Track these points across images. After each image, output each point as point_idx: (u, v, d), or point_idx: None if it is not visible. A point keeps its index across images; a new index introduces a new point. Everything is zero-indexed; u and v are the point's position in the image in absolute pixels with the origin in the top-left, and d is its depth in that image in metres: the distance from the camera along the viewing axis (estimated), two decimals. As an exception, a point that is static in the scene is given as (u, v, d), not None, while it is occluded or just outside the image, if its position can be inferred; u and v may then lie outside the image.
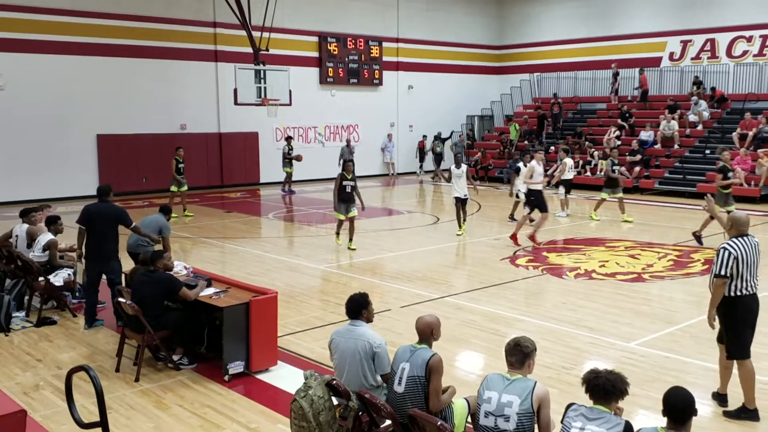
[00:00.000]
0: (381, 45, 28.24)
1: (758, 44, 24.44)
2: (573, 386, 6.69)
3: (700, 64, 25.82)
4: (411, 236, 15.70)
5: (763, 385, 6.81)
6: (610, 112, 26.41)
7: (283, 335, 8.07)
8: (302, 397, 4.97)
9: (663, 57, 26.92)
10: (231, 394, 6.70)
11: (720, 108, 23.97)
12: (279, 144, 25.78)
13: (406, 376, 4.93)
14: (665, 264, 12.21)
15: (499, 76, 32.46)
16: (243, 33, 21.08)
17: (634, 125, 24.88)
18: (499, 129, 29.78)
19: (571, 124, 27.17)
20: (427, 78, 30.02)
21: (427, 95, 29.88)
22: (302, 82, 25.36)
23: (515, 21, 31.91)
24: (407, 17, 29.24)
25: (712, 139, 22.82)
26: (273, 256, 13.06)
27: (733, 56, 25.09)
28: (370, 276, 11.65)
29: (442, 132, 29.14)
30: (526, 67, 31.14)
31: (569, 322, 9.01)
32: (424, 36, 29.82)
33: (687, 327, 8.70)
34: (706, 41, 25.75)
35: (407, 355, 5.02)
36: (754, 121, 21.61)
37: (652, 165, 22.95)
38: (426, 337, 5.13)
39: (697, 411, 3.88)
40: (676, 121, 23.60)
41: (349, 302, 5.52)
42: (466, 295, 10.24)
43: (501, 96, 31.24)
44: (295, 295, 10.27)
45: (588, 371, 4.24)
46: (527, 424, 4.32)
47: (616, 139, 24.18)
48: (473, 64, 31.90)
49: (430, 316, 5.26)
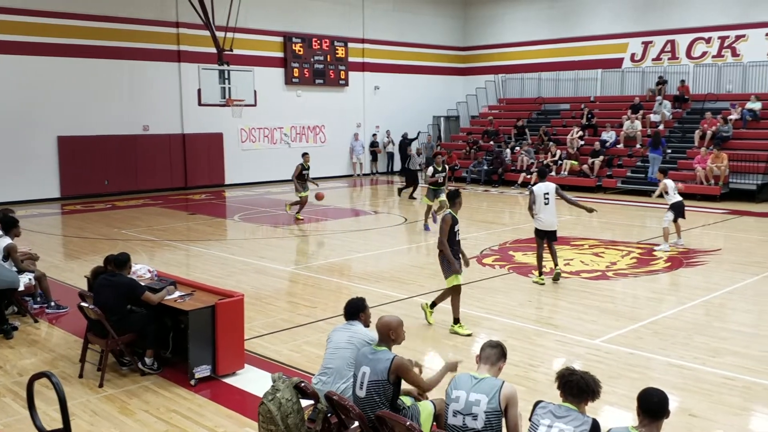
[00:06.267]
0: (347, 45, 28.20)
1: (716, 45, 24.98)
2: (540, 384, 6.75)
3: (661, 65, 26.30)
4: (379, 237, 15.70)
5: (725, 380, 6.95)
6: (573, 113, 26.75)
7: (250, 338, 7.99)
8: (270, 400, 4.93)
9: (624, 58, 27.36)
10: (197, 399, 6.61)
11: (681, 108, 24.44)
12: (244, 145, 25.63)
13: (368, 380, 4.91)
14: (629, 262, 12.39)
15: (465, 77, 32.67)
16: (206, 33, 20.83)
17: (596, 125, 25.23)
18: (465, 129, 29.96)
19: (535, 124, 27.46)
20: (394, 79, 30.08)
21: (393, 96, 29.93)
22: (267, 83, 25.20)
23: (479, 22, 32.14)
24: (373, 18, 29.26)
25: (673, 138, 23.26)
26: (239, 259, 12.94)
27: (692, 57, 25.60)
28: (338, 277, 11.62)
29: (408, 133, 29.22)
30: (491, 68, 31.39)
31: (535, 320, 9.10)
32: (389, 37, 29.87)
33: (650, 324, 8.84)
34: (666, 42, 26.25)
35: (367, 358, 5.00)
36: (714, 121, 22.08)
37: (614, 165, 23.30)
38: (384, 338, 5.12)
39: (669, 412, 3.93)
40: (639, 121, 24.00)
41: (347, 305, 5.74)
42: (434, 294, 10.23)
43: (467, 97, 31.44)
44: (262, 297, 10.19)
45: (564, 368, 4.28)
46: (495, 423, 4.34)
47: (579, 139, 24.50)
48: (439, 65, 32.05)
49: (391, 316, 5.24)
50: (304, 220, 17.18)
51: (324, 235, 16.03)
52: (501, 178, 24.94)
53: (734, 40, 24.53)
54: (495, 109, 30.39)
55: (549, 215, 10.80)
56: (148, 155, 23.14)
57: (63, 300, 9.63)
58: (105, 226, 16.58)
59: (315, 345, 7.86)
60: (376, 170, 29.75)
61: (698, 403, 6.39)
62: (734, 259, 12.61)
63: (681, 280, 11.31)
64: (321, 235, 16.02)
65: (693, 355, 7.66)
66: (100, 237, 15.20)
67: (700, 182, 20.28)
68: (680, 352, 7.77)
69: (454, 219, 8.36)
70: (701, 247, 13.51)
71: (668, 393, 4.03)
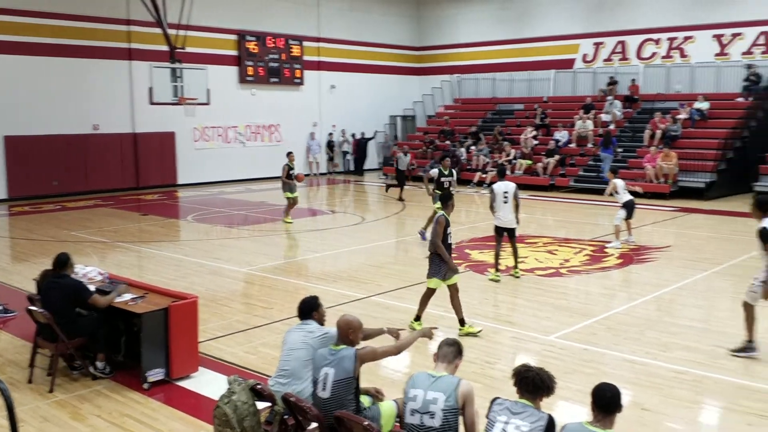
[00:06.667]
0: (302, 44, 28.05)
1: (665, 46, 25.59)
2: (497, 380, 6.81)
3: (612, 66, 26.82)
4: (336, 236, 15.65)
5: (676, 374, 7.11)
6: (527, 113, 27.09)
7: (204, 341, 7.88)
8: (226, 403, 4.87)
9: (576, 59, 27.84)
10: (151, 403, 6.49)
11: (631, 108, 24.97)
12: (197, 144, 25.28)
13: (332, 381, 4.87)
14: (581, 259, 12.59)
15: (421, 76, 32.83)
16: (158, 31, 20.52)
17: (549, 125, 25.61)
18: (422, 129, 30.08)
19: (490, 124, 27.73)
20: (350, 78, 30.04)
21: (349, 95, 29.89)
22: (221, 81, 24.92)
23: (434, 23, 32.32)
24: (328, 17, 29.16)
25: (624, 138, 23.74)
26: (193, 260, 12.75)
27: (642, 58, 26.18)
28: (295, 277, 11.54)
29: (365, 132, 29.23)
30: (447, 69, 31.61)
31: (492, 317, 9.18)
32: (345, 36, 29.82)
33: (603, 319, 9.00)
34: (617, 43, 26.78)
35: (328, 359, 4.96)
36: (663, 120, 22.60)
37: (567, 164, 23.67)
38: (344, 337, 5.10)
39: (622, 406, 4.00)
40: (591, 121, 24.44)
41: (301, 305, 5.71)
42: (392, 293, 10.27)
43: (423, 96, 31.58)
44: (217, 299, 10.05)
45: (520, 365, 4.32)
46: (452, 421, 4.36)
47: (533, 138, 24.83)
48: (395, 64, 32.13)
49: (351, 316, 5.24)
50: (293, 223, 16.71)
51: (280, 235, 15.91)
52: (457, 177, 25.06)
53: (682, 41, 25.18)
54: (451, 108, 30.60)
55: (507, 213, 11.00)
56: (99, 155, 22.65)
57: (11, 304, 9.36)
58: (54, 228, 16.16)
59: (271, 346, 7.78)
60: (332, 169, 29.65)
61: (650, 397, 6.53)
62: (684, 255, 12.93)
63: (632, 276, 11.54)
64: (277, 235, 15.90)
65: (645, 350, 7.82)
66: (49, 239, 14.81)
67: (650, 180, 20.74)
68: (632, 347, 7.92)
69: (447, 221, 8.32)
70: (652, 244, 13.81)
71: (621, 387, 4.09)
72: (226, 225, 17.08)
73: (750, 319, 7.56)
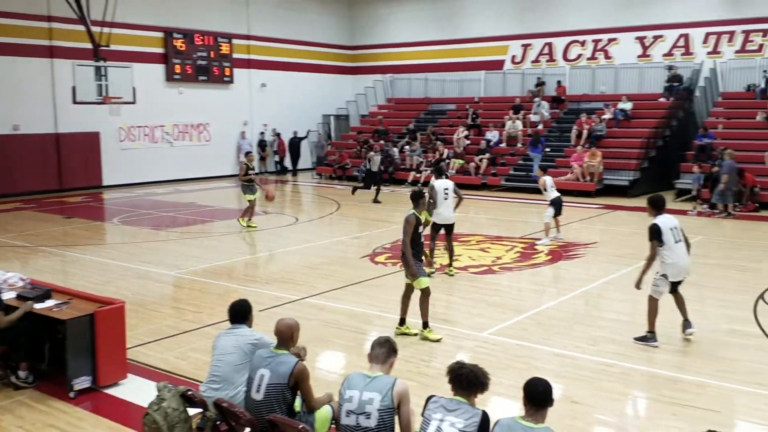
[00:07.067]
0: (231, 42, 27.60)
1: (591, 48, 26.34)
2: (432, 378, 6.85)
3: (540, 67, 27.43)
4: (269, 237, 15.45)
5: (605, 367, 7.31)
6: (459, 113, 27.44)
7: (132, 347, 7.65)
8: (155, 410, 4.76)
9: (506, 60, 28.36)
10: (77, 412, 6.26)
11: (558, 108, 25.60)
12: (123, 144, 24.58)
13: (266, 383, 4.81)
14: (513, 256, 12.83)
15: (354, 76, 32.81)
16: (81, 28, 19.83)
17: (480, 125, 25.99)
18: (355, 128, 30.06)
19: (423, 124, 27.95)
20: (281, 76, 29.73)
21: (281, 94, 29.58)
22: (147, 80, 24.26)
23: (366, 22, 32.36)
24: (258, 14, 28.79)
25: (551, 137, 24.32)
26: (119, 264, 12.36)
27: (568, 59, 26.88)
28: (227, 280, 11.33)
29: (298, 131, 29.00)
30: (380, 68, 31.69)
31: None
32: (276, 34, 29.49)
33: (534, 315, 9.19)
34: (544, 45, 27.41)
35: (266, 361, 4.90)
36: (589, 120, 23.26)
37: (498, 163, 24.07)
38: (285, 341, 5.04)
39: (553, 400, 4.07)
40: (520, 121, 24.94)
41: (232, 308, 5.58)
42: (327, 294, 10.21)
43: (356, 96, 31.57)
44: (145, 304, 9.78)
45: (454, 362, 4.36)
46: (388, 420, 4.36)
47: (465, 138, 25.15)
48: (327, 63, 32.01)
49: (290, 319, 5.20)
50: (257, 227, 16.04)
51: (210, 236, 15.61)
52: (392, 176, 25.21)
53: (607, 43, 25.97)
54: (384, 108, 30.69)
55: (447, 209, 11.20)
56: (19, 156, 21.71)
57: None
58: (-30, 233, 15.41)
59: (202, 351, 7.62)
60: (264, 169, 29.25)
61: (580, 391, 6.69)
62: (610, 251, 13.33)
63: (561, 272, 11.82)
64: (207, 236, 15.59)
65: (574, 344, 8.01)
66: (-36, 244, 14.12)
67: (577, 179, 21.32)
68: (562, 341, 8.11)
69: (417, 220, 8.15)
70: (579, 241, 14.18)
71: (552, 382, 4.17)
72: (154, 227, 16.64)
73: (652, 311, 7.93)
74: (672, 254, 7.80)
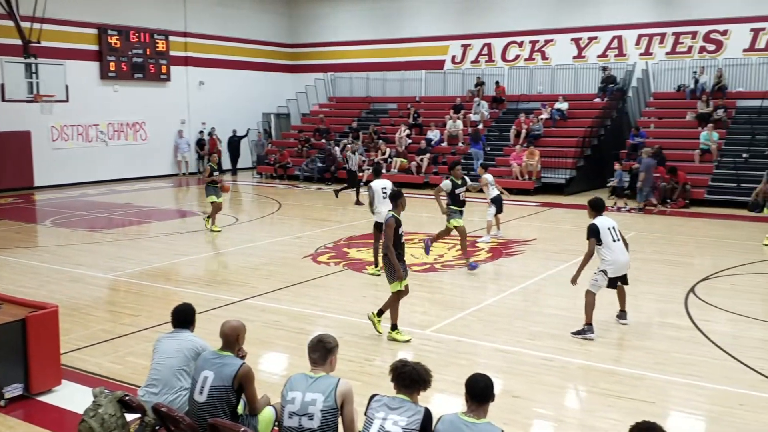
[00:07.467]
0: (167, 39, 27.03)
1: (528, 49, 26.82)
2: (375, 377, 6.86)
3: (479, 68, 27.79)
4: (209, 238, 15.18)
5: (544, 361, 7.45)
6: (401, 112, 27.56)
7: (67, 352, 7.42)
8: (91, 416, 4.64)
9: (446, 60, 28.62)
10: (8, 420, 6.04)
11: (498, 108, 25.98)
12: (56, 144, 23.80)
13: (209, 385, 4.73)
14: (454, 254, 12.95)
15: (294, 74, 32.58)
16: (10, 23, 19.10)
17: (422, 124, 26.17)
18: (296, 127, 29.86)
19: (365, 123, 27.98)
20: (220, 74, 29.27)
21: (219, 92, 29.13)
22: (81, 77, 23.56)
23: (306, 20, 32.18)
24: (195, 11, 28.29)
25: (491, 137, 24.67)
26: (52, 267, 11.97)
27: (507, 60, 27.31)
28: (164, 282, 11.09)
29: (237, 130, 28.62)
30: (320, 66, 31.56)
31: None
32: (213, 31, 29.04)
33: (475, 311, 9.31)
34: (483, 46, 27.78)
35: (210, 363, 4.82)
36: (527, 120, 23.68)
37: (439, 162, 24.28)
38: (231, 343, 4.96)
39: (495, 395, 4.12)
40: (461, 121, 25.21)
41: (178, 313, 5.46)
42: (268, 295, 10.11)
43: (297, 94, 31.36)
44: (79, 307, 9.49)
45: (397, 360, 4.37)
46: (331, 421, 4.34)
47: (406, 137, 25.28)
48: (267, 61, 31.69)
49: (236, 321, 5.11)
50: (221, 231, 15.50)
51: (148, 238, 15.26)
52: (334, 175, 25.15)
53: (544, 44, 26.49)
54: (326, 107, 30.59)
55: (386, 208, 11.14)
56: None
57: None
58: None
59: (140, 355, 7.44)
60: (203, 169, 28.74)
61: (520, 385, 6.81)
62: (548, 247, 13.62)
63: (501, 269, 12.01)
64: (144, 238, 15.24)
65: (515, 339, 8.15)
66: None
67: (516, 177, 21.70)
68: (503, 337, 8.24)
69: (397, 221, 8.04)
70: (519, 238, 14.44)
71: (493, 377, 4.23)
72: (88, 229, 16.16)
73: (589, 304, 8.20)
74: (610, 253, 8.11)
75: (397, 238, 8.02)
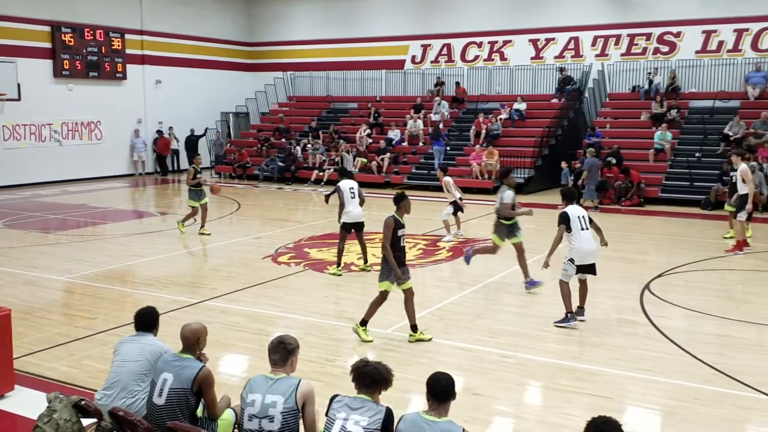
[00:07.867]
0: (123, 37, 26.56)
1: (487, 50, 27.06)
2: (337, 377, 6.83)
3: (439, 68, 27.94)
4: (166, 239, 14.94)
5: (503, 359, 7.52)
6: (361, 112, 27.55)
7: (20, 356, 7.23)
8: (46, 422, 4.53)
9: (406, 60, 28.71)
10: (-43, 430, 5.86)
11: (458, 108, 26.15)
12: (7, 144, 23.19)
13: (168, 387, 4.66)
14: (416, 253, 13.00)
15: (253, 73, 32.31)
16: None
17: (383, 124, 26.20)
18: (255, 126, 29.62)
19: (326, 122, 27.89)
20: (177, 73, 28.87)
21: (177, 90, 28.72)
22: (33, 75, 23.03)
23: (265, 19, 31.95)
24: (151, 9, 27.84)
25: (451, 137, 24.82)
26: (4, 270, 11.65)
27: (466, 60, 27.51)
28: (120, 284, 10.90)
29: (195, 129, 28.27)
30: (280, 65, 31.37)
31: (331, 315, 9.21)
32: (171, 29, 28.64)
33: (437, 310, 9.35)
34: (443, 46, 27.94)
35: (170, 365, 4.74)
36: (486, 120, 23.89)
37: (400, 161, 24.35)
38: (191, 346, 4.89)
39: (456, 393, 4.13)
40: (422, 120, 25.31)
41: (141, 316, 5.36)
42: (228, 297, 10.00)
43: (256, 93, 31.11)
44: (33, 311, 9.26)
45: (358, 360, 4.36)
46: (292, 423, 4.31)
47: (367, 137, 25.28)
48: (226, 60, 31.38)
49: (197, 323, 5.04)
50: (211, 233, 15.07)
51: (103, 239, 14.97)
52: (294, 175, 25.02)
53: (502, 45, 26.75)
54: (285, 106, 30.42)
55: (356, 208, 11.34)
56: None
57: None
58: None
59: (96, 359, 7.30)
60: (159, 168, 28.31)
61: (480, 382, 6.86)
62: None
63: (462, 268, 12.06)
64: (100, 239, 14.95)
65: (475, 337, 8.22)
66: None
67: (476, 177, 21.87)
68: (464, 335, 8.29)
69: (397, 223, 7.90)
70: (479, 237, 14.54)
71: (454, 375, 4.24)
72: (41, 230, 15.78)
73: (565, 294, 8.52)
74: (577, 240, 8.48)
75: (397, 240, 7.95)
